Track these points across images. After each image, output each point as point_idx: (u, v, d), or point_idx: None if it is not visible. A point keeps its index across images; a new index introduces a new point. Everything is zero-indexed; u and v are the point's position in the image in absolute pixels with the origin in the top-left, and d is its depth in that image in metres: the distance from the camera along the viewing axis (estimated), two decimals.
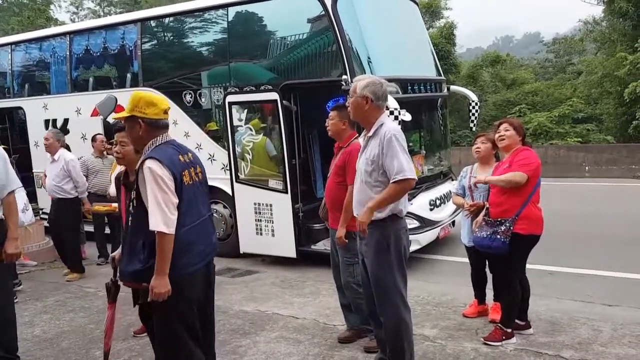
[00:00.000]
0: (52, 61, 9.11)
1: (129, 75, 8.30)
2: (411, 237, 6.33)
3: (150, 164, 2.72)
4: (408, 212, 6.42)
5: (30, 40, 9.52)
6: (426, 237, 6.69)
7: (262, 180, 6.71)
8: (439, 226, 6.91)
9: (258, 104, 6.82)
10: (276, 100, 6.46)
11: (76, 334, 4.47)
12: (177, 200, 2.74)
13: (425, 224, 6.68)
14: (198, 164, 3.03)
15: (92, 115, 8.37)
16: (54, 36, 9.16)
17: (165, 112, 2.93)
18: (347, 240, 3.88)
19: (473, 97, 8.16)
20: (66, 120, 8.71)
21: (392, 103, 5.69)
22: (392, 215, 3.33)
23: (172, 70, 7.87)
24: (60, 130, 8.71)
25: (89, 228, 7.62)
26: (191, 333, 2.85)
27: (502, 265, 4.20)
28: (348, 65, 6.21)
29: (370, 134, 3.39)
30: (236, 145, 6.84)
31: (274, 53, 7.00)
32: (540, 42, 33.69)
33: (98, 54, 8.62)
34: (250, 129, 6.76)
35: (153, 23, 8.08)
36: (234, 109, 6.82)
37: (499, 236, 3.99)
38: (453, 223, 7.31)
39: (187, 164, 2.89)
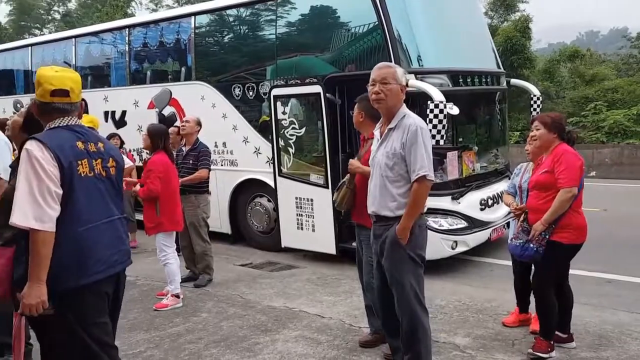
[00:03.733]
0: (113, 54, 9.43)
1: (183, 69, 8.45)
2: (458, 238, 6.18)
3: (29, 145, 2.29)
4: (455, 212, 6.22)
5: (92, 34, 9.89)
6: (475, 238, 6.35)
7: (304, 175, 6.61)
8: (490, 227, 6.53)
9: (302, 98, 6.72)
10: (319, 94, 6.34)
11: None
12: (60, 191, 2.28)
13: (474, 224, 6.34)
14: (112, 156, 2.59)
15: (148, 108, 8.58)
16: (114, 29, 9.48)
17: (54, 93, 2.45)
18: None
19: (535, 91, 7.65)
20: (124, 112, 8.98)
21: (437, 96, 5.44)
22: None
23: (223, 64, 7.92)
24: (118, 121, 9.05)
25: (140, 217, 7.79)
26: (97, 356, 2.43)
27: (535, 274, 3.86)
28: (394, 57, 5.97)
29: (393, 125, 3.21)
30: (280, 139, 6.78)
31: (323, 45, 6.87)
32: (624, 37, 31.41)
33: (155, 47, 8.83)
34: (294, 122, 6.67)
35: (206, 16, 8.14)
36: (279, 102, 6.76)
37: (532, 245, 3.67)
38: (508, 224, 6.88)
39: (89, 152, 2.45)
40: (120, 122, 8.99)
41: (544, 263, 3.72)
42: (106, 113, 9.16)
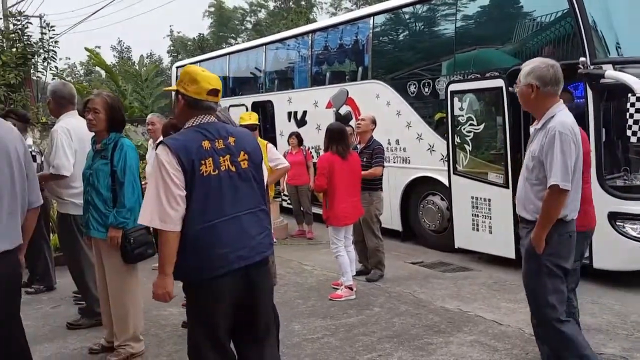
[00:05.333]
0: (296, 58, 10.04)
1: (359, 69, 8.67)
2: None
3: (158, 150, 2.47)
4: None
5: (279, 41, 10.63)
6: None
7: (481, 173, 6.33)
8: None
9: (481, 93, 6.45)
10: (501, 88, 6.01)
11: (285, 307, 4.76)
12: (182, 193, 2.40)
13: None
14: (243, 149, 2.59)
15: (326, 108, 8.97)
16: (298, 35, 10.08)
17: (210, 92, 2.56)
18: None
19: None
20: (305, 112, 9.50)
21: (639, 88, 4.82)
22: None
23: (398, 61, 7.94)
24: (299, 121, 9.61)
25: (317, 210, 8.16)
26: (213, 343, 2.52)
27: None
28: (588, 46, 5.44)
29: (539, 126, 3.01)
30: (456, 136, 6.58)
31: (504, 36, 6.52)
32: None
33: (334, 49, 9.21)
34: (472, 118, 6.42)
35: (384, 16, 8.24)
36: (456, 97, 6.57)
37: None
38: None
39: (215, 150, 2.50)
40: (301, 122, 9.54)
41: None
42: (289, 113, 9.80)
